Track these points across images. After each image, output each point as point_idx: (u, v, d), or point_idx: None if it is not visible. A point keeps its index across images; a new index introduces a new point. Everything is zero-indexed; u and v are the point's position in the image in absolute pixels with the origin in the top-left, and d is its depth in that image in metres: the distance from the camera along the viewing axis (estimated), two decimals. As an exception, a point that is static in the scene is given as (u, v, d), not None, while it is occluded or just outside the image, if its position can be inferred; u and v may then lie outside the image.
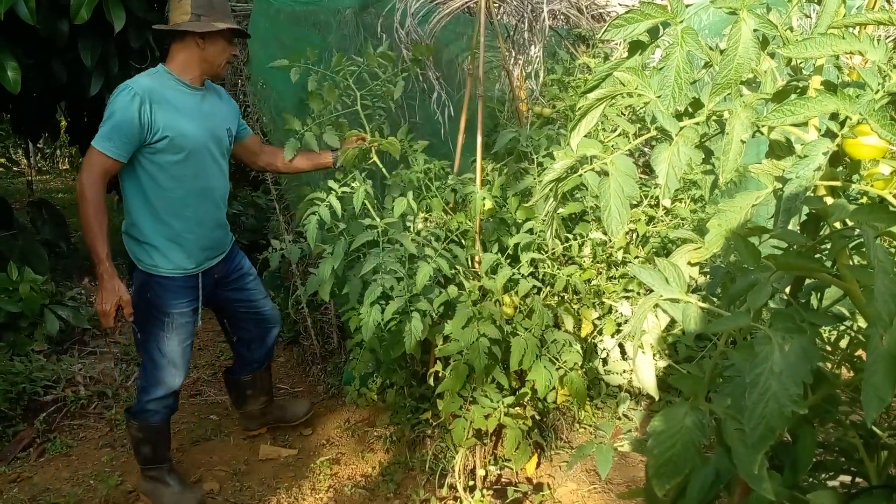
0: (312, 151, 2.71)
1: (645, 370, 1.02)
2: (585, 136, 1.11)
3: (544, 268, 2.58)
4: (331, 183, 2.36)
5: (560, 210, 2.78)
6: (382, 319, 2.24)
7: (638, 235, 3.10)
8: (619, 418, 3.26)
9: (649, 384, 1.03)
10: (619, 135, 2.26)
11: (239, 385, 3.12)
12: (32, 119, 5.39)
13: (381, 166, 2.57)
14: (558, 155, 1.08)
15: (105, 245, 2.37)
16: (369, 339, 2.33)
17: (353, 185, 2.35)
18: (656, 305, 0.98)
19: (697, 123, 1.18)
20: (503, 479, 2.88)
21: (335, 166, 2.74)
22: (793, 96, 1.05)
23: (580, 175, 1.11)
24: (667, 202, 2.93)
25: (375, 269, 2.20)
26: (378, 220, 2.29)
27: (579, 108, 1.09)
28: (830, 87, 1.05)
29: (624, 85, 1.09)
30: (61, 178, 12.84)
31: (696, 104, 1.28)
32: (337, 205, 2.22)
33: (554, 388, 2.57)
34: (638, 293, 3.14)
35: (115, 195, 8.09)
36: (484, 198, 2.50)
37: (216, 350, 4.41)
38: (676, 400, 1.28)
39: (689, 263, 1.09)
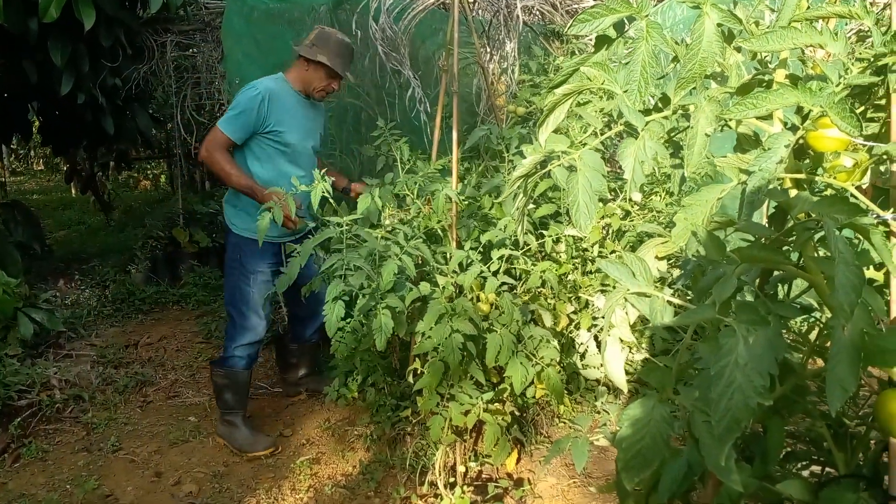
0: (339, 174, 3.27)
1: (614, 364, 1.02)
2: (554, 131, 1.11)
3: (518, 264, 2.58)
4: (293, 180, 2.35)
5: (531, 207, 2.79)
6: (352, 317, 2.23)
7: (613, 230, 3.12)
8: (598, 412, 3.28)
9: (618, 378, 1.04)
10: (589, 131, 2.26)
11: (287, 353, 3.63)
12: (3, 120, 5.30)
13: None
14: (527, 150, 1.08)
15: (247, 178, 2.90)
16: (333, 335, 2.34)
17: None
18: (625, 299, 0.98)
19: (665, 118, 1.18)
20: (484, 476, 2.88)
21: (347, 193, 3.25)
22: (757, 90, 1.06)
23: (548, 170, 1.10)
24: (636, 196, 2.95)
25: (337, 266, 2.19)
26: (342, 217, 2.27)
27: (547, 104, 1.09)
28: (795, 81, 1.06)
29: (591, 80, 1.09)
30: (36, 179, 12.68)
31: (665, 99, 1.28)
32: (292, 204, 2.22)
33: (532, 383, 2.58)
34: (614, 287, 3.15)
35: (91, 196, 8.00)
36: (447, 196, 2.49)
37: (194, 351, 4.37)
38: (649, 392, 1.29)
39: (657, 257, 1.10)
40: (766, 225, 1.11)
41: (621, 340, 1.07)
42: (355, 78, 3.73)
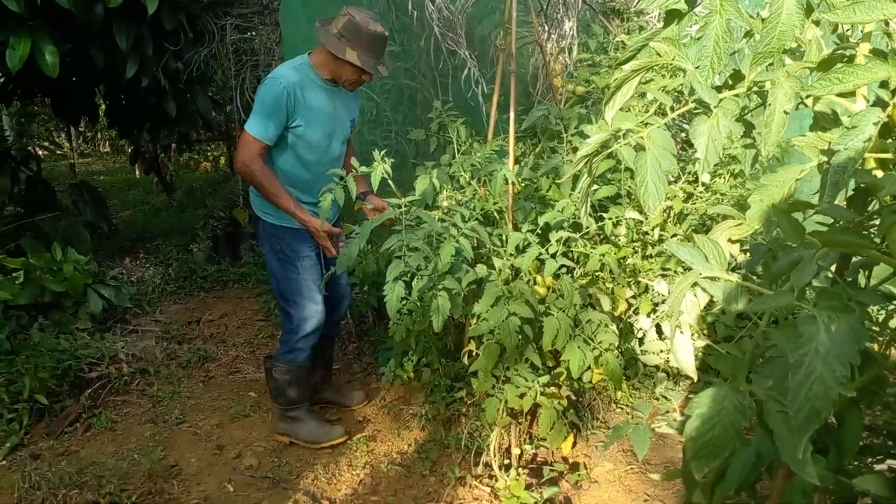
0: (361, 178, 2.72)
1: (683, 351, 0.99)
2: (620, 109, 1.08)
3: (577, 247, 2.54)
4: (353, 161, 2.35)
5: (594, 188, 2.74)
6: (410, 298, 2.23)
7: (674, 213, 3.04)
8: (657, 399, 3.22)
9: (687, 366, 1.00)
10: (655, 109, 2.20)
11: None
12: (72, 103, 5.49)
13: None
14: (591, 129, 1.05)
15: (289, 199, 2.71)
16: (393, 316, 2.32)
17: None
18: (695, 284, 0.94)
19: (737, 95, 1.14)
20: (539, 459, 2.87)
21: (361, 200, 2.94)
22: (840, 65, 1.00)
23: (615, 149, 1.07)
24: (706, 177, 2.85)
25: (396, 247, 2.17)
26: (400, 198, 2.26)
27: (614, 81, 1.06)
28: (880, 55, 1.00)
29: (660, 56, 1.05)
30: (103, 161, 13.11)
31: (737, 76, 1.23)
32: (352, 185, 2.20)
33: (589, 368, 2.55)
34: (675, 272, 3.09)
35: (154, 178, 8.24)
36: (506, 177, 2.46)
37: (254, 328, 4.47)
38: (716, 381, 1.26)
39: (730, 240, 1.05)
40: (846, 207, 1.06)
41: (689, 326, 1.03)
42: (410, 60, 3.72)
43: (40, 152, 8.77)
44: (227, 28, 5.01)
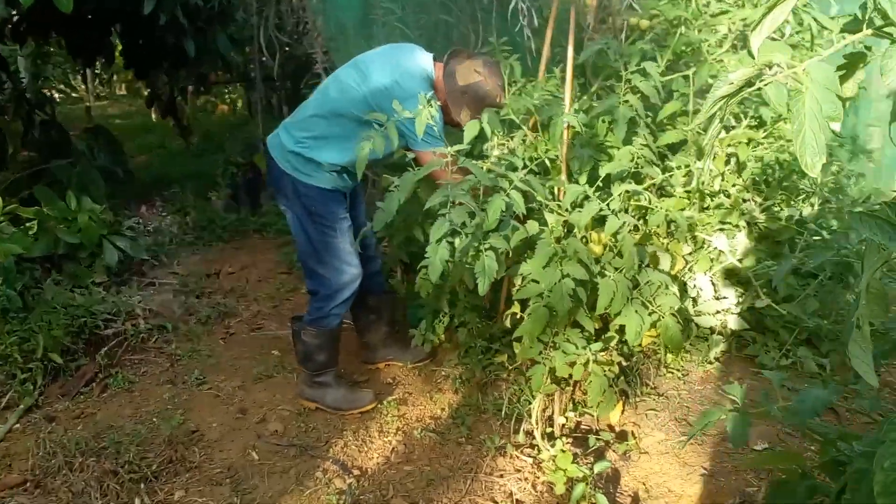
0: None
1: (863, 358, 0.75)
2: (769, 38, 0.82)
3: (638, 201, 2.28)
4: (395, 105, 2.08)
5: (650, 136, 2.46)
6: (452, 258, 2.00)
7: (738, 161, 2.76)
8: (710, 362, 3.00)
9: (870, 376, 0.77)
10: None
11: (358, 308, 3.12)
12: (87, 43, 5.24)
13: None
14: (731, 64, 0.79)
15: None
16: (436, 280, 2.10)
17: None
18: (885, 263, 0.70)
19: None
20: (583, 427, 2.68)
21: None
22: None
23: (760, 88, 0.82)
24: (836, 126, 2.55)
25: (443, 202, 1.94)
26: (447, 146, 2.02)
27: (764, 4, 0.80)
28: None
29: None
30: (119, 104, 12.90)
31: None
32: (394, 134, 1.94)
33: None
34: (736, 225, 2.84)
35: (171, 121, 7.99)
36: (566, 123, 2.20)
37: (276, 282, 4.29)
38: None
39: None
40: None
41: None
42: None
43: (56, 95, 8.55)
44: (247, -40, 4.68)
